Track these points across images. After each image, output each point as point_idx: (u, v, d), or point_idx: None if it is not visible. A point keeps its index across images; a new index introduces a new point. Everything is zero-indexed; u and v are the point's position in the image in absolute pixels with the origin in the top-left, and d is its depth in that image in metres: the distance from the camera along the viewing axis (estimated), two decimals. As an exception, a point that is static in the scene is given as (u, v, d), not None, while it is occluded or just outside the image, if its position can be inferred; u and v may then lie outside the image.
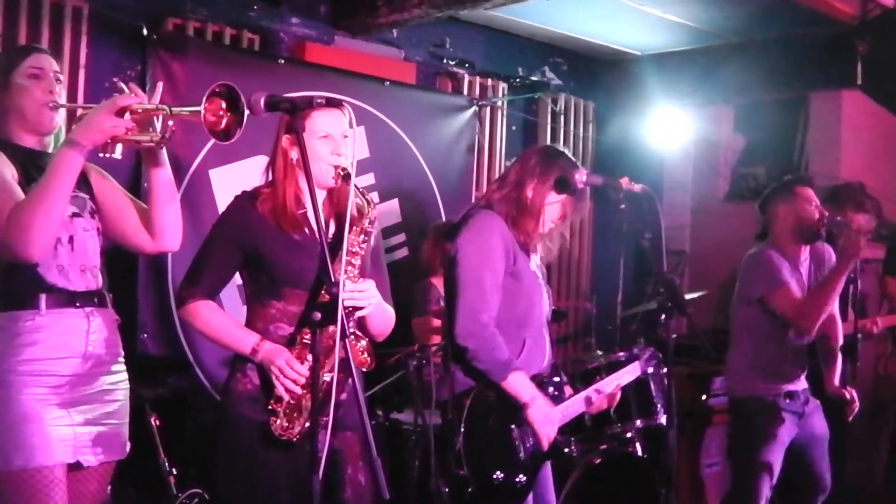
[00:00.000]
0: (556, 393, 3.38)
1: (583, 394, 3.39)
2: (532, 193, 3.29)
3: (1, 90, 2.71)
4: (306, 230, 2.88)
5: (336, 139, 2.86)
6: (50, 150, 2.76)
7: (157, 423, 4.16)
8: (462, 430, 3.23)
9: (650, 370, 3.51)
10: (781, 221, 4.28)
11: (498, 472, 3.22)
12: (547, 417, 3.23)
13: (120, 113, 2.58)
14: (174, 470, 4.21)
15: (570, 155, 3.46)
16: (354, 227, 2.79)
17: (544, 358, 3.44)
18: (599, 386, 3.38)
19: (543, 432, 3.22)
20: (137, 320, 4.64)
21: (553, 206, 3.33)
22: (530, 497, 3.39)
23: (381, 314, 2.96)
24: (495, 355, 3.17)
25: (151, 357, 4.68)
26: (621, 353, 3.64)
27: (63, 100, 2.77)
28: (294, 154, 2.87)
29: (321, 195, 2.90)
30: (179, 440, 4.39)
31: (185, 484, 4.24)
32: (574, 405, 3.36)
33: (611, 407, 3.44)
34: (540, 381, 3.34)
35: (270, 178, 2.96)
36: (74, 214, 2.72)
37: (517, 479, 3.25)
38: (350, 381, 2.75)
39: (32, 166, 2.68)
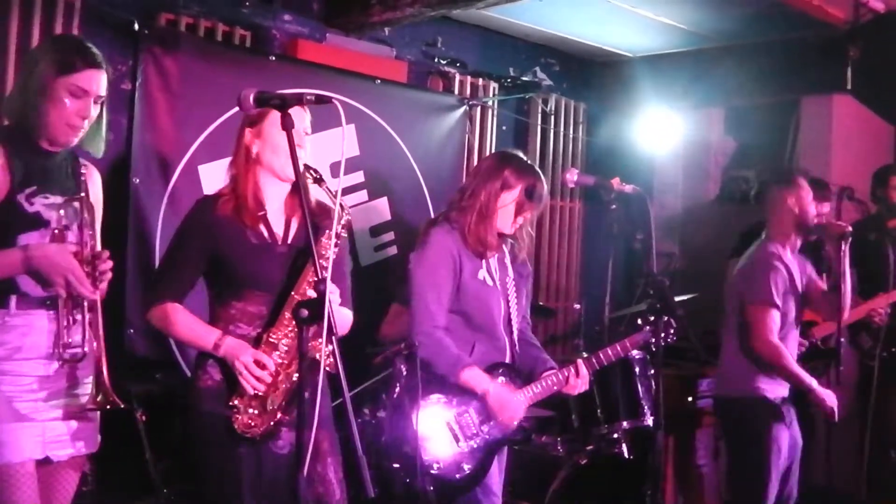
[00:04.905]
0: (514, 379, 3.51)
1: (550, 375, 3.51)
2: (484, 198, 3.41)
3: (38, 89, 2.64)
4: (265, 232, 2.92)
5: (298, 134, 2.87)
6: (59, 152, 2.75)
7: (144, 418, 4.16)
8: (392, 424, 3.45)
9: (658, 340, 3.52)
10: (785, 209, 4.14)
11: (436, 463, 3.36)
12: (506, 403, 3.39)
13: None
14: (160, 465, 4.20)
15: (523, 157, 3.54)
16: (328, 231, 2.83)
17: (503, 358, 3.53)
18: (593, 358, 3.55)
19: (504, 417, 3.39)
20: (125, 317, 4.62)
21: (507, 207, 3.43)
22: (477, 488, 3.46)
23: (340, 319, 2.94)
24: (444, 357, 3.36)
25: (140, 353, 4.66)
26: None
27: (94, 113, 2.73)
28: (255, 148, 2.93)
29: (285, 191, 2.96)
30: (167, 436, 4.38)
31: (171, 479, 4.23)
32: (543, 386, 3.50)
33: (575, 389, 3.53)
34: (498, 368, 3.48)
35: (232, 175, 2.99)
36: (65, 227, 2.70)
37: (463, 467, 3.38)
38: (317, 379, 2.75)
39: (35, 158, 2.68)
